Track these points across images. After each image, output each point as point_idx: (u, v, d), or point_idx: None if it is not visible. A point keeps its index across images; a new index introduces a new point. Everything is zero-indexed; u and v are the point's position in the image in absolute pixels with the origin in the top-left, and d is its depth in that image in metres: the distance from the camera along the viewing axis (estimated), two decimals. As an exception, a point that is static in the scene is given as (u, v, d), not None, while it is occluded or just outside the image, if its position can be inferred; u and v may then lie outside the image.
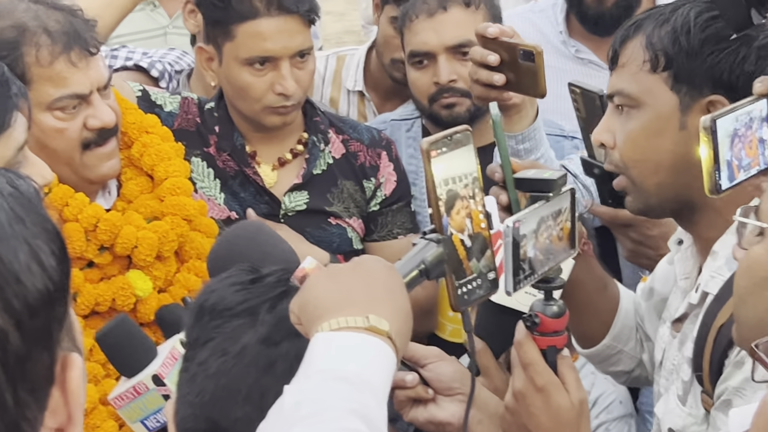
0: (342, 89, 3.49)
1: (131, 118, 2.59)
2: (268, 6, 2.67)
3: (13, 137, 1.93)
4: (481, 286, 1.58)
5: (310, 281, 1.46)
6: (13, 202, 1.01)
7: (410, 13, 2.99)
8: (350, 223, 2.87)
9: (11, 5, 2.40)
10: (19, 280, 0.97)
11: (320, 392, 1.31)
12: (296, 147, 2.86)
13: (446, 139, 1.54)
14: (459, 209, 1.54)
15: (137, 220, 2.50)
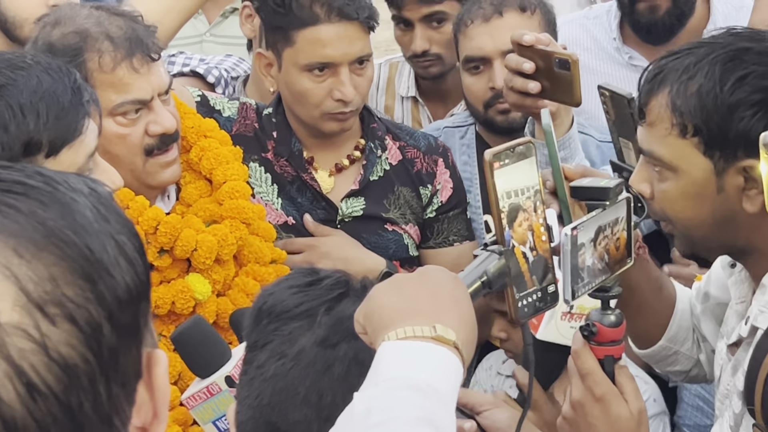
0: (396, 96, 3.50)
1: (189, 122, 2.61)
2: (328, 12, 2.69)
3: (85, 143, 1.97)
4: (542, 299, 1.59)
5: (376, 291, 1.47)
6: (94, 201, 1.03)
7: (465, 18, 3.00)
8: (406, 229, 2.88)
9: (73, 11, 2.44)
10: (109, 273, 0.98)
11: (390, 400, 1.32)
12: (353, 153, 2.88)
13: (509, 151, 1.55)
14: (521, 221, 1.55)
15: (196, 224, 2.53)
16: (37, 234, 0.96)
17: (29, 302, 0.93)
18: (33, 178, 1.01)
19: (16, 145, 1.89)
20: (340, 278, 1.59)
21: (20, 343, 0.92)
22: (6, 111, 1.89)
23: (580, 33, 3.31)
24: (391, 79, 3.52)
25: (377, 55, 3.49)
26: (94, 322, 0.96)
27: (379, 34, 3.28)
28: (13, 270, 0.93)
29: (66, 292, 0.95)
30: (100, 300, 0.97)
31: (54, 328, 0.93)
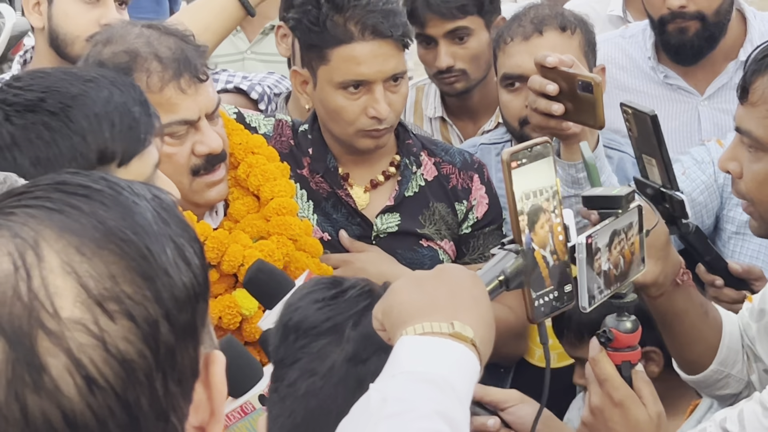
0: (424, 118, 3.52)
1: (237, 139, 2.64)
2: (362, 30, 2.70)
3: (152, 154, 2.02)
4: (558, 299, 1.60)
5: (395, 287, 1.48)
6: (156, 205, 1.06)
7: (505, 36, 3.00)
8: (442, 245, 2.89)
9: (124, 30, 2.47)
10: (168, 274, 1.01)
11: (406, 392, 1.34)
12: (389, 169, 2.89)
13: (526, 151, 1.56)
14: (543, 223, 1.56)
15: (244, 239, 2.54)
16: (97, 233, 0.99)
17: (89, 298, 0.96)
18: (98, 183, 1.04)
19: (92, 154, 1.93)
20: (364, 288, 1.59)
21: (80, 338, 0.95)
22: (83, 120, 1.93)
23: (615, 52, 3.31)
24: (418, 101, 3.55)
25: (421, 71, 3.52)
26: (151, 320, 0.99)
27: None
28: (74, 267, 0.97)
29: (125, 290, 0.98)
30: (157, 298, 1.00)
31: (113, 323, 0.96)
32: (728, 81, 3.22)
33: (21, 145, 1.92)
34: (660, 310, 2.12)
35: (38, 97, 1.94)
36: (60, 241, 0.98)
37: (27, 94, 1.96)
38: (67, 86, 1.97)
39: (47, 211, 1.00)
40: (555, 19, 2.96)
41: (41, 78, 2.02)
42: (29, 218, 0.99)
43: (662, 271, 2.03)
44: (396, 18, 2.72)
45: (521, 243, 1.55)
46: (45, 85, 1.97)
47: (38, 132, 1.92)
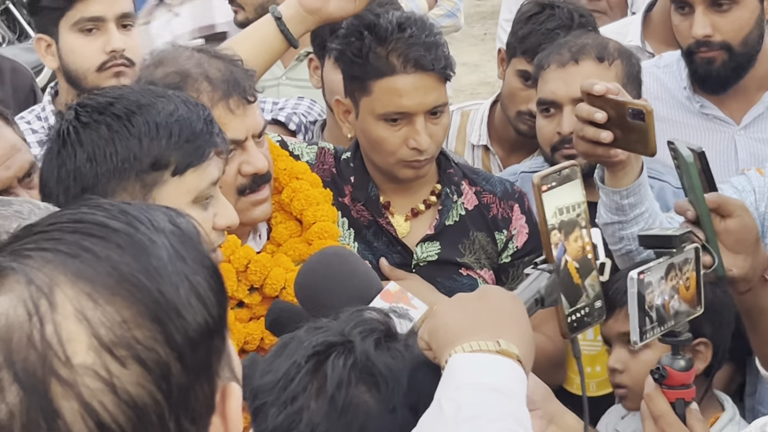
0: (466, 144, 3.55)
1: (282, 165, 2.70)
2: (404, 63, 2.74)
3: (209, 171, 2.09)
4: (590, 314, 1.66)
5: (440, 309, 1.55)
6: (175, 240, 1.09)
7: (543, 62, 3.04)
8: (481, 274, 2.91)
9: (176, 52, 2.55)
10: (180, 315, 1.04)
11: (477, 399, 1.41)
12: (429, 198, 2.92)
13: (556, 174, 1.63)
14: (576, 236, 1.62)
15: (286, 263, 2.60)
16: (110, 279, 1.02)
17: (100, 345, 0.99)
18: (116, 219, 1.07)
19: (147, 158, 2.03)
20: (351, 377, 1.55)
21: (91, 384, 0.98)
22: (143, 126, 2.03)
23: (650, 81, 3.32)
24: (462, 126, 3.57)
25: (462, 98, 3.56)
26: (163, 363, 1.01)
27: (464, 77, 3.34)
28: (86, 314, 1.00)
29: (136, 335, 1.01)
30: (169, 341, 1.02)
31: (124, 369, 1.00)
32: (764, 111, 3.23)
33: (83, 142, 2.05)
34: (746, 306, 2.19)
35: (108, 102, 2.08)
36: (73, 288, 1.01)
37: (100, 99, 2.10)
38: (138, 97, 2.10)
39: (62, 255, 1.03)
40: (594, 49, 2.99)
41: (118, 89, 2.18)
42: (44, 263, 1.03)
43: (752, 266, 2.10)
44: (438, 51, 2.76)
45: (553, 261, 1.61)
46: (118, 94, 2.12)
47: (99, 131, 2.04)
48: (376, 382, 1.53)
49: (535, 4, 3.39)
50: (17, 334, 0.99)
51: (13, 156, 2.45)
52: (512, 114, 3.40)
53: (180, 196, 2.06)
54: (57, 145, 2.08)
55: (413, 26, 2.76)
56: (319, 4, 2.88)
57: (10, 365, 0.98)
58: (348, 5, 2.86)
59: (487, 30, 11.05)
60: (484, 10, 11.45)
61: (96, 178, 2.03)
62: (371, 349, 1.54)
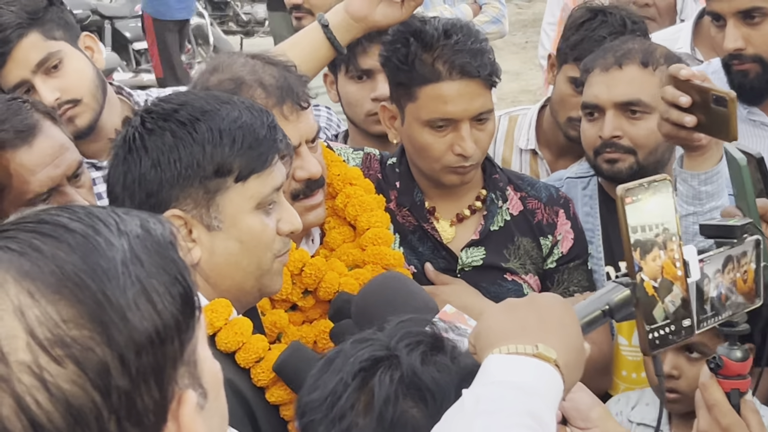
0: (514, 148, 3.56)
1: (336, 170, 2.72)
2: (450, 70, 2.75)
3: (272, 177, 2.12)
4: (675, 332, 1.65)
5: (488, 313, 1.56)
6: (137, 243, 1.09)
7: (588, 66, 3.06)
8: (526, 279, 2.92)
9: (230, 59, 2.57)
10: (124, 317, 1.04)
11: (497, 395, 1.42)
12: (474, 203, 2.93)
13: (642, 186, 1.61)
14: (655, 256, 1.60)
15: (340, 267, 2.62)
16: (53, 278, 1.03)
17: (36, 343, 1.00)
18: (78, 221, 1.08)
19: (210, 165, 2.06)
20: (398, 393, 1.57)
21: (26, 380, 1.00)
22: (207, 133, 2.06)
23: None
24: (510, 131, 3.58)
25: (503, 106, 3.57)
26: (101, 364, 1.02)
27: (505, 86, 3.34)
28: (25, 312, 1.01)
29: (74, 335, 1.01)
30: (110, 342, 1.02)
31: (59, 367, 1.00)
32: None
33: (148, 148, 2.08)
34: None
35: (173, 108, 2.11)
36: (17, 285, 1.03)
37: (165, 105, 2.13)
38: (203, 103, 2.12)
39: (11, 253, 1.05)
40: (639, 54, 2.99)
41: (183, 95, 2.20)
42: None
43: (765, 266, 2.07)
44: (484, 57, 2.77)
45: (634, 277, 1.59)
46: (183, 100, 2.14)
47: (164, 137, 2.07)
48: (423, 397, 1.54)
49: (587, 11, 3.39)
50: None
51: (62, 155, 2.50)
52: (562, 120, 3.41)
53: (243, 202, 2.09)
54: (123, 151, 2.11)
55: (459, 33, 2.77)
56: (365, 11, 2.90)
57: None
58: (394, 12, 2.88)
59: (528, 38, 11.06)
60: (526, 18, 11.46)
61: (160, 185, 2.06)
62: (417, 364, 1.55)
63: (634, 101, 2.96)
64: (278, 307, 2.49)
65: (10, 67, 2.89)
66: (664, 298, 1.62)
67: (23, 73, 2.90)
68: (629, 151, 2.97)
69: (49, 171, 2.46)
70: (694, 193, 2.58)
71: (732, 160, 2.07)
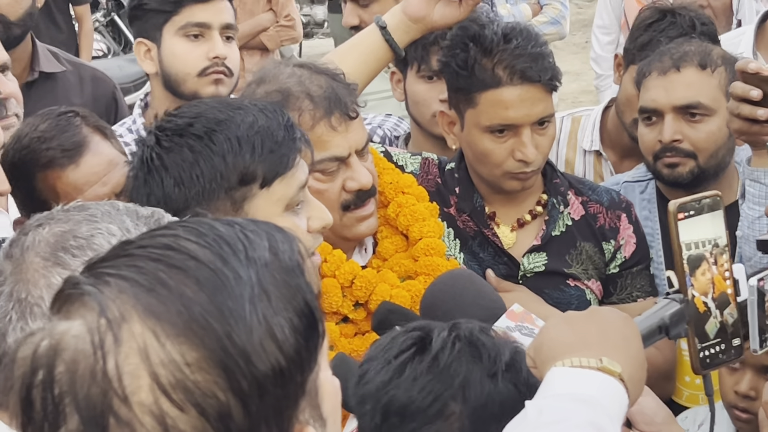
0: (578, 150, 3.52)
1: (388, 178, 2.70)
2: (511, 75, 2.73)
3: (296, 177, 2.10)
4: (725, 352, 1.64)
5: (548, 326, 1.55)
6: (265, 274, 1.07)
7: (645, 70, 3.03)
8: (589, 285, 2.89)
9: (277, 70, 2.56)
10: (249, 361, 1.03)
11: (560, 406, 1.41)
12: (535, 208, 2.91)
13: (694, 203, 1.61)
14: (704, 271, 1.59)
15: (392, 279, 2.60)
16: (179, 318, 1.02)
17: (158, 386, 1.00)
18: (208, 248, 1.06)
19: (233, 175, 2.04)
20: (452, 341, 1.58)
21: (147, 422, 0.99)
22: (225, 143, 2.04)
23: None
24: (573, 132, 3.55)
25: (564, 107, 3.54)
26: (222, 409, 1.01)
27: (565, 86, 3.31)
28: (149, 354, 1.01)
29: (196, 379, 1.00)
30: (233, 387, 1.01)
31: (180, 412, 1.00)
32: None
33: (168, 167, 2.05)
34: None
35: (187, 123, 2.08)
36: (142, 324, 1.02)
37: (178, 120, 2.10)
38: (216, 113, 2.09)
39: (137, 287, 1.04)
40: (696, 56, 2.97)
41: (194, 107, 2.16)
42: (119, 293, 1.03)
43: None
44: (544, 61, 2.75)
45: (686, 293, 1.59)
46: (196, 112, 2.11)
47: (182, 154, 2.04)
48: (479, 354, 1.56)
49: (656, 11, 3.37)
50: (83, 364, 1.01)
51: (110, 172, 2.48)
52: (628, 120, 3.37)
53: (271, 207, 2.07)
54: (142, 173, 2.08)
55: (519, 37, 2.75)
56: (423, 12, 2.88)
57: (73, 395, 1.01)
58: (453, 12, 2.86)
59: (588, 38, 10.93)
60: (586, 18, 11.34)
61: (186, 202, 2.03)
62: (476, 330, 1.57)
63: (693, 104, 2.93)
64: (329, 320, 2.48)
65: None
66: (723, 311, 1.61)
67: None
68: (689, 154, 2.95)
69: (96, 189, 2.45)
70: (766, 192, 2.54)
71: None
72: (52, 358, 1.02)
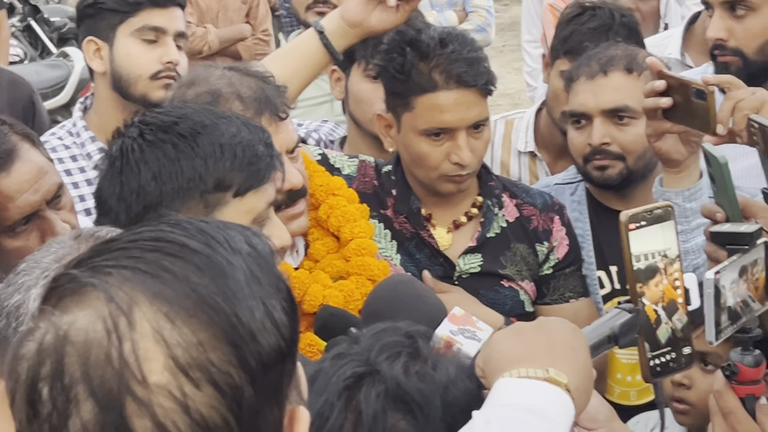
0: (512, 151, 3.58)
1: (319, 181, 2.72)
2: (447, 79, 2.77)
3: (268, 193, 2.13)
4: (676, 360, 1.66)
5: (496, 337, 1.56)
6: (251, 262, 1.10)
7: (573, 75, 3.09)
8: (522, 285, 2.95)
9: (207, 72, 2.56)
10: (255, 339, 1.06)
11: (508, 415, 1.42)
12: (471, 210, 2.96)
13: (646, 213, 1.63)
14: (657, 282, 1.62)
15: (324, 279, 2.62)
16: (188, 301, 1.04)
17: (176, 366, 1.02)
18: (195, 239, 1.09)
19: (210, 179, 2.05)
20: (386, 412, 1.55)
21: (165, 403, 1.01)
22: (209, 146, 2.06)
23: None
24: (507, 135, 3.61)
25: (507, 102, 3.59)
26: (236, 386, 1.04)
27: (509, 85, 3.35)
28: (164, 335, 1.02)
29: (211, 358, 1.03)
30: (243, 365, 1.04)
31: (197, 390, 1.02)
32: None
33: (148, 159, 2.06)
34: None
35: (173, 121, 2.11)
36: (152, 307, 1.03)
37: (164, 117, 2.13)
38: (201, 117, 2.12)
39: (142, 274, 1.05)
40: (623, 60, 3.03)
41: (180, 108, 2.20)
42: (124, 281, 1.05)
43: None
44: (480, 66, 2.80)
45: (636, 303, 1.62)
46: (182, 113, 2.14)
47: (165, 150, 2.06)
48: (411, 409, 1.53)
49: (577, 6, 3.45)
50: (95, 350, 1.01)
51: (41, 179, 2.42)
52: (557, 115, 3.44)
53: (240, 217, 2.08)
54: (119, 162, 2.10)
55: (455, 42, 2.80)
56: (360, 17, 2.91)
57: (87, 381, 1.01)
58: (390, 17, 2.89)
59: (505, 42, 11.08)
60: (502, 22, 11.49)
61: (160, 197, 2.04)
62: (401, 376, 1.54)
63: (621, 107, 3.00)
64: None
65: None
66: (672, 317, 1.64)
67: None
68: (618, 157, 3.01)
69: (28, 197, 2.39)
70: (679, 210, 2.59)
71: (712, 157, 2.11)
72: (60, 348, 1.02)
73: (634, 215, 1.62)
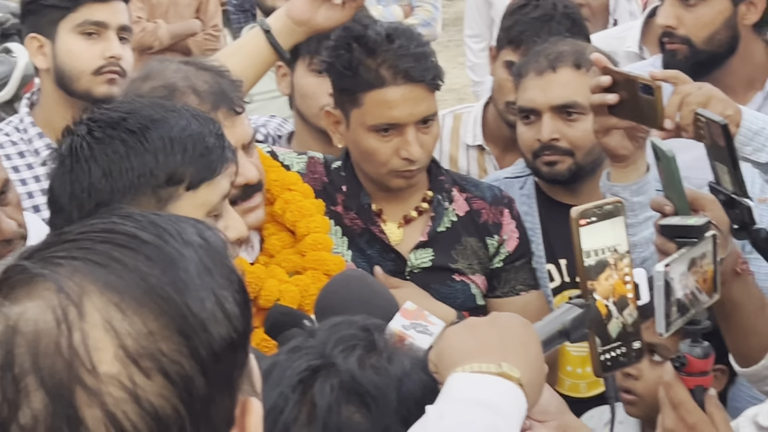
0: (461, 145, 3.60)
1: (274, 176, 2.72)
2: (394, 75, 2.78)
3: (221, 185, 2.11)
4: (626, 355, 1.67)
5: (449, 333, 1.57)
6: (202, 253, 1.11)
7: (522, 70, 3.11)
8: (473, 279, 2.96)
9: (162, 66, 2.55)
10: (206, 329, 1.06)
11: (461, 410, 1.43)
12: (421, 205, 2.96)
13: (596, 209, 1.64)
14: (607, 276, 1.63)
15: (280, 274, 2.62)
16: (138, 290, 1.04)
17: (126, 356, 1.02)
18: (146, 230, 1.09)
19: (162, 173, 2.04)
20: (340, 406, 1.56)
21: (115, 393, 1.01)
22: (158, 141, 2.04)
23: None
24: (455, 129, 3.63)
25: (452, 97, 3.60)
26: (186, 376, 1.04)
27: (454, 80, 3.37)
28: (114, 324, 1.02)
29: (161, 347, 1.03)
30: (194, 354, 1.05)
31: (148, 380, 1.02)
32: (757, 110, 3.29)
33: (97, 157, 2.05)
34: (718, 300, 2.20)
35: (121, 117, 2.08)
36: (102, 297, 1.03)
37: (112, 113, 2.10)
38: (150, 111, 2.10)
39: (92, 265, 1.05)
40: (571, 56, 3.05)
41: (128, 103, 2.18)
42: (74, 272, 1.04)
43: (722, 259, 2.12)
44: (427, 61, 2.80)
45: (587, 298, 1.63)
46: (130, 108, 2.12)
47: (114, 146, 2.05)
48: (365, 402, 1.54)
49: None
50: (45, 340, 1.01)
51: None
52: (501, 106, 3.47)
53: (194, 211, 2.07)
54: (69, 161, 2.08)
55: (402, 37, 2.80)
56: (307, 15, 2.91)
57: (36, 371, 1.00)
58: (336, 15, 2.90)
59: (450, 37, 11.11)
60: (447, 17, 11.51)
61: (111, 194, 2.03)
62: (355, 369, 1.54)
63: (569, 104, 3.02)
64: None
65: None
66: (622, 311, 1.65)
67: None
68: (567, 152, 3.03)
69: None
70: (627, 205, 2.61)
71: (660, 151, 2.13)
72: (10, 339, 1.01)
73: (585, 211, 1.62)
